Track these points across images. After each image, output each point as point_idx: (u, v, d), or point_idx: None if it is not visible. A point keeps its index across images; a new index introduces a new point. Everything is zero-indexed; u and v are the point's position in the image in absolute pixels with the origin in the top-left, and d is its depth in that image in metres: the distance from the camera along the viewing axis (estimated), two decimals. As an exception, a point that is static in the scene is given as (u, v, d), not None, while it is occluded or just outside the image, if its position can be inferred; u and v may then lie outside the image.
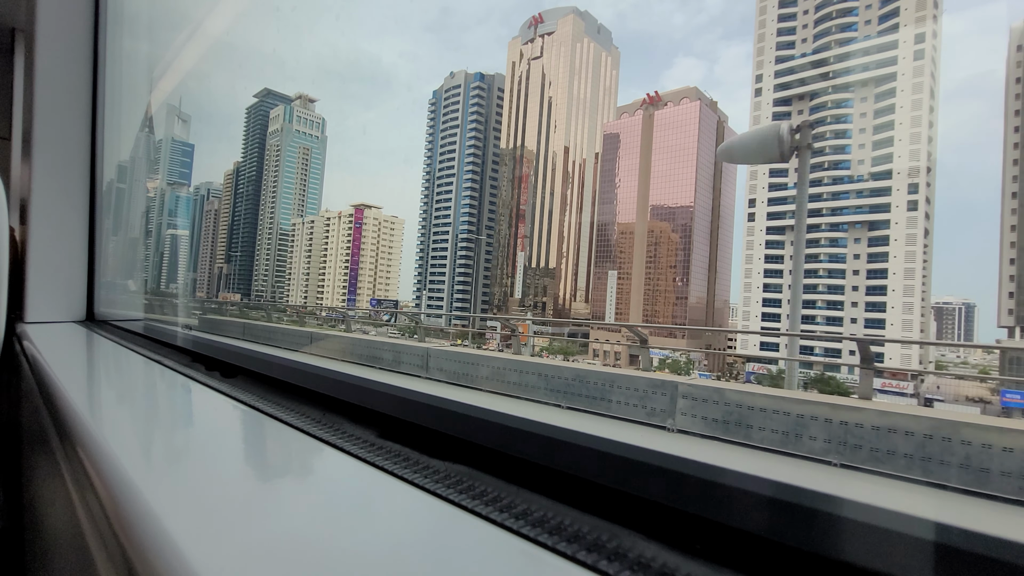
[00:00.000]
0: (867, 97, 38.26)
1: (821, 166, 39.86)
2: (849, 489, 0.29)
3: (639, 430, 4.97)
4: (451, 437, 0.55)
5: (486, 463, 0.49)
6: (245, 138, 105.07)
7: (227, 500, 0.44)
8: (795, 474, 0.33)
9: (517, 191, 63.91)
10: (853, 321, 37.05)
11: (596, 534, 0.37)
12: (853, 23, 39.70)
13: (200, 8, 3.76)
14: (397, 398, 0.63)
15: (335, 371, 0.79)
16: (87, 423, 0.65)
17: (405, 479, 0.47)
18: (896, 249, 35.48)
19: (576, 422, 1.12)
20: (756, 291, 41.63)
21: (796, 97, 41.72)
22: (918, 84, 36.02)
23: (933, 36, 36.13)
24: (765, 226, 41.68)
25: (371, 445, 0.57)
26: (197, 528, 0.38)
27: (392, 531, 0.40)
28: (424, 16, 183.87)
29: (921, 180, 35.12)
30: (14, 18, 2.82)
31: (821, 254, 38.85)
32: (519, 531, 0.37)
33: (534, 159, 62.88)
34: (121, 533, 0.41)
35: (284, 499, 0.46)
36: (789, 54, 42.63)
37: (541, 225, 63.03)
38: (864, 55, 38.63)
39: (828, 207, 39.00)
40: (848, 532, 0.29)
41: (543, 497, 0.43)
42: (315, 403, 0.77)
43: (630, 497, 0.39)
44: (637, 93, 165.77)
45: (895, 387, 35.15)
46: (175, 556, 0.34)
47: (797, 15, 43.05)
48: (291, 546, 0.35)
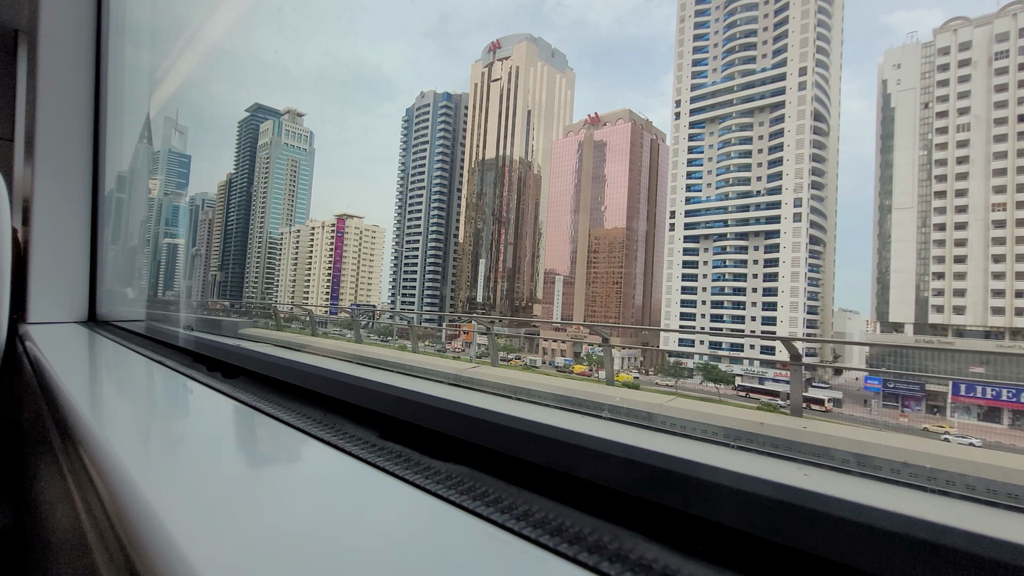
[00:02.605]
0: (764, 121, 43.24)
1: (727, 182, 44.80)
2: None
3: (639, 431, 5.28)
4: (452, 438, 0.54)
5: (487, 464, 0.49)
6: (237, 151, 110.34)
7: (228, 500, 0.44)
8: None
9: (478, 203, 69.02)
10: (753, 319, 42.01)
11: (598, 535, 0.36)
12: (753, 56, 44.66)
13: (200, 14, 3.77)
14: (398, 399, 0.64)
15: (336, 372, 0.79)
16: (89, 423, 0.64)
17: (406, 480, 0.46)
18: (784, 255, 40.43)
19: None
20: (676, 293, 46.59)
21: (708, 120, 46.67)
22: (801, 111, 40.99)
23: (813, 70, 41.11)
24: (682, 235, 46.65)
25: (372, 446, 0.57)
26: (198, 528, 0.37)
27: (393, 532, 0.39)
28: (423, 24, 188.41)
29: (804, 195, 40.06)
30: (17, 20, 2.78)
31: (727, 260, 43.80)
32: (520, 532, 0.37)
33: (494, 173, 68.02)
34: (122, 532, 0.41)
35: (285, 500, 0.45)
36: (702, 82, 47.59)
37: (500, 235, 67.87)
38: (761, 84, 43.61)
39: (733, 218, 43.94)
40: (848, 533, 0.29)
41: (544, 498, 0.42)
42: (316, 404, 0.76)
43: (632, 498, 0.39)
44: (637, 103, 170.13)
45: (783, 375, 40.08)
46: (176, 556, 0.34)
47: (708, 47, 47.98)
48: (292, 547, 0.35)
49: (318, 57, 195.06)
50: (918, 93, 35.44)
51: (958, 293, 33.11)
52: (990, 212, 32.24)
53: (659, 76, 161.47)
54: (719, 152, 45.12)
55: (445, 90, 74.11)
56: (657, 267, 59.93)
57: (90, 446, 0.58)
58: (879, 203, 37.21)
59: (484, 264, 68.05)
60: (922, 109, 35.37)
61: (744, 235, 42.72)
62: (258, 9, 43.24)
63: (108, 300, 2.25)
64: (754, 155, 43.13)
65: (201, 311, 54.19)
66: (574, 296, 58.38)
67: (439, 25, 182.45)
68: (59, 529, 0.78)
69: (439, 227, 74.41)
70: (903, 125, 36.08)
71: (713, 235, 44.43)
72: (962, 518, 0.25)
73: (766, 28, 43.73)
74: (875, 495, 0.29)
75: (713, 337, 41.62)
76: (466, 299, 68.56)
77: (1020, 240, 31.48)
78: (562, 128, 66.23)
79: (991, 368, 31.27)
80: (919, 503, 0.31)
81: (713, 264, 43.95)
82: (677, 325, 45.20)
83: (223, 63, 74.60)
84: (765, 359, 40.18)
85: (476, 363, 10.79)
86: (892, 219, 36.09)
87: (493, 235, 68.43)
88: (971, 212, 33.07)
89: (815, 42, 41.68)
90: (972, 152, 33.10)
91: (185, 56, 3.33)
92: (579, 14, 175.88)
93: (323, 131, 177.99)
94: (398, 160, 78.29)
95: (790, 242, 40.11)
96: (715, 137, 45.68)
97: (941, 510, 0.27)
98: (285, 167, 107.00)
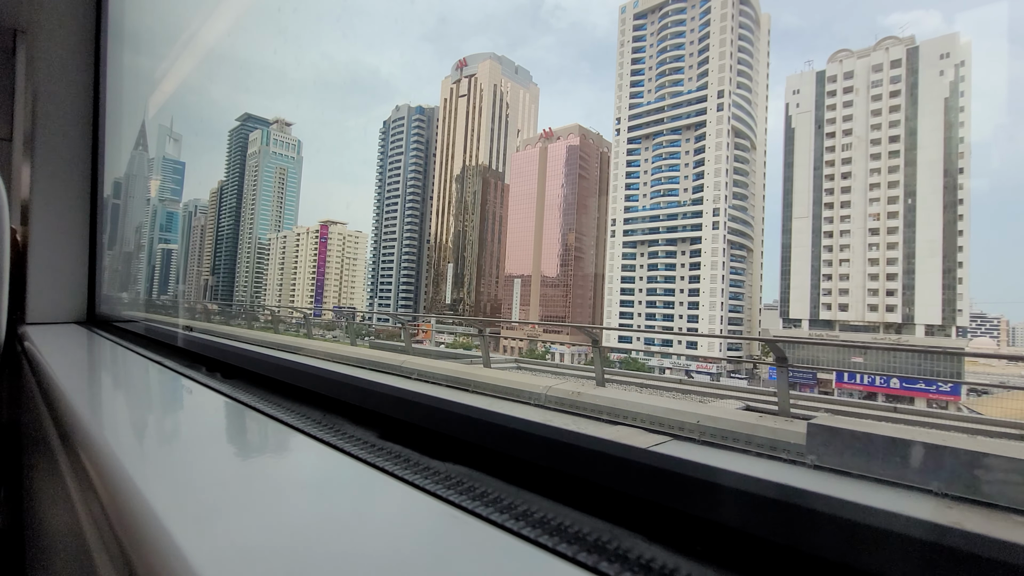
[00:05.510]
0: (690, 138, 47.48)
1: (660, 193, 49.00)
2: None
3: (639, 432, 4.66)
4: (451, 438, 0.54)
5: (486, 464, 0.49)
6: (228, 159, 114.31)
7: (227, 501, 0.43)
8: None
9: (447, 211, 73.21)
10: (680, 317, 46.19)
11: (597, 535, 0.36)
12: (680, 79, 48.88)
13: (197, 17, 3.70)
14: (398, 399, 0.63)
15: (336, 372, 0.78)
16: (88, 424, 0.64)
17: (406, 480, 0.46)
18: (705, 259, 44.63)
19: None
20: (616, 294, 50.77)
21: (644, 137, 50.87)
22: (720, 130, 45.21)
23: (731, 92, 45.32)
24: (622, 240, 50.83)
25: (372, 446, 0.56)
26: (198, 528, 0.37)
27: (393, 532, 0.39)
28: (422, 26, 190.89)
29: (721, 205, 44.25)
30: (16, 19, 2.74)
31: (659, 263, 47.99)
32: (519, 532, 0.36)
33: (462, 184, 72.11)
34: (121, 533, 0.41)
35: (285, 500, 0.45)
36: (638, 102, 51.79)
37: (467, 241, 71.95)
38: (687, 105, 47.83)
39: (664, 226, 48.13)
40: (848, 533, 0.29)
41: (543, 498, 0.42)
42: (316, 404, 0.76)
43: (631, 498, 0.38)
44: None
45: (705, 368, 44.19)
46: (175, 556, 0.34)
47: (644, 70, 52.16)
48: (292, 547, 0.35)
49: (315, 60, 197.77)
50: (812, 115, 39.73)
51: (843, 292, 37.44)
52: (867, 221, 36.56)
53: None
54: (653, 165, 49.34)
55: (419, 104, 78.67)
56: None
57: (89, 446, 0.57)
58: (784, 213, 41.47)
59: (451, 268, 72.21)
60: (816, 129, 39.67)
61: (673, 241, 46.93)
62: (254, 11, 42.83)
63: (107, 300, 2.18)
64: (681, 168, 47.31)
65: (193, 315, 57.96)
66: (531, 296, 62.61)
67: (437, 27, 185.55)
68: (58, 529, 0.78)
69: (413, 232, 78.67)
70: (801, 142, 40.37)
71: (647, 241, 48.68)
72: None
73: (691, 54, 47.95)
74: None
75: (691, 337, 45.78)
76: (432, 299, 72.76)
77: (891, 246, 35.89)
78: (523, 141, 70.48)
79: (867, 358, 35.50)
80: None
81: (648, 267, 48.19)
82: (617, 323, 49.36)
83: (220, 64, 77.12)
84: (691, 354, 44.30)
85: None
86: (793, 227, 40.37)
87: (458, 239, 72.64)
88: (853, 221, 37.38)
89: (736, 66, 45.94)
90: (854, 168, 37.42)
91: (183, 57, 3.27)
92: (577, 17, 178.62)
93: (320, 134, 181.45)
94: (375, 169, 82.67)
95: (710, 247, 44.31)
96: (649, 152, 49.83)
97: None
98: (273, 175, 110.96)
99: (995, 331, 54.48)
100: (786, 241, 41.33)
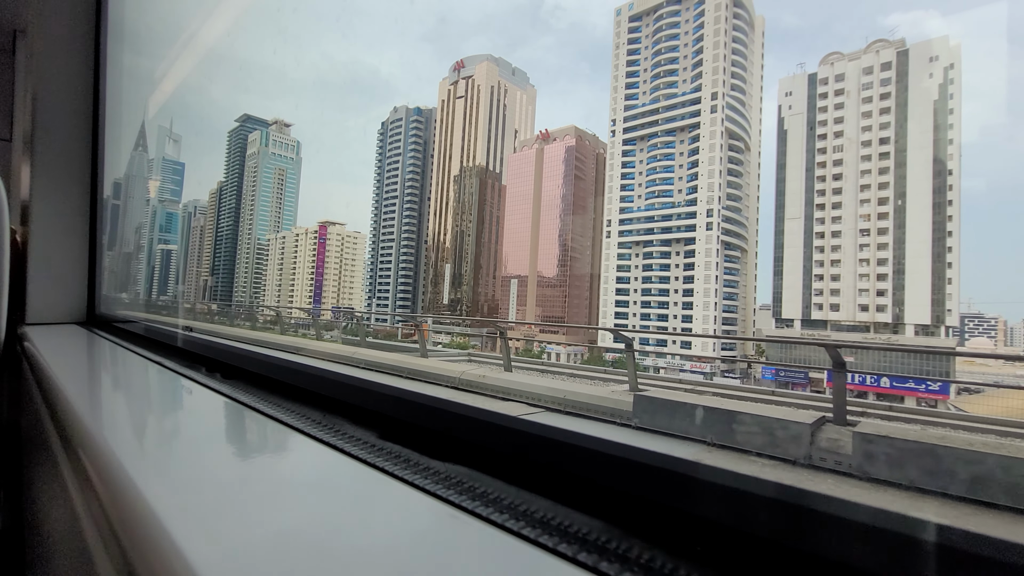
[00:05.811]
0: (684, 140, 47.81)
1: (654, 194, 49.32)
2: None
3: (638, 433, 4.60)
4: (451, 438, 0.55)
5: (486, 464, 0.48)
6: (227, 159, 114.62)
7: (227, 501, 0.43)
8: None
9: (445, 211, 73.60)
10: (675, 317, 46.51)
11: (597, 535, 0.36)
12: (675, 81, 49.21)
13: (196, 17, 3.69)
14: (398, 399, 0.63)
15: (336, 372, 0.78)
16: (87, 424, 0.63)
17: (405, 480, 0.46)
18: (699, 259, 44.95)
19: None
20: (611, 294, 51.09)
21: (639, 138, 51.19)
22: (714, 131, 45.54)
23: (725, 94, 45.66)
24: (617, 241, 51.14)
25: (371, 446, 0.56)
26: (197, 528, 0.37)
27: (393, 532, 0.38)
28: (422, 27, 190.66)
29: (715, 206, 44.58)
30: (16, 20, 2.72)
31: (654, 264, 48.32)
32: (520, 532, 0.36)
33: (459, 185, 72.56)
34: (121, 533, 0.41)
35: (285, 500, 0.44)
36: (633, 103, 52.10)
37: (465, 241, 72.33)
38: (681, 107, 48.16)
39: (658, 227, 48.46)
40: (848, 532, 0.29)
41: (543, 498, 0.42)
42: (316, 404, 0.75)
43: (632, 499, 0.38)
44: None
45: (699, 367, 44.60)
46: (175, 556, 0.33)
47: (639, 72, 52.49)
48: (292, 547, 0.34)
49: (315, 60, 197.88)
50: (804, 117, 40.07)
51: (834, 292, 37.77)
52: (858, 221, 36.90)
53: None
54: (647, 167, 49.67)
55: (416, 105, 79.16)
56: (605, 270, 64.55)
57: (89, 447, 0.57)
58: (776, 214, 41.81)
59: (449, 268, 72.62)
60: (808, 131, 40.01)
61: (667, 242, 47.25)
62: (254, 11, 42.40)
63: (107, 301, 2.12)
64: (676, 169, 47.63)
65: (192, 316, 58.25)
66: (527, 296, 62.93)
67: (437, 27, 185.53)
68: (58, 529, 0.78)
69: (410, 233, 79.11)
70: (793, 143, 40.71)
71: (642, 241, 49.02)
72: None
73: (686, 56, 48.28)
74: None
75: (687, 337, 45.99)
76: (430, 299, 73.14)
77: (881, 246, 36.22)
78: (520, 142, 70.95)
79: (858, 358, 35.80)
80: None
81: (643, 267, 48.53)
82: (612, 324, 49.67)
83: (220, 64, 77.94)
84: (686, 354, 44.63)
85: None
86: (785, 228, 40.71)
87: (456, 240, 73.05)
88: (844, 222, 37.72)
89: (730, 69, 46.28)
90: (845, 170, 37.75)
91: (182, 57, 3.23)
92: (577, 17, 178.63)
93: (320, 135, 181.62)
94: (373, 170, 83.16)
95: (704, 248, 44.65)
96: (644, 153, 50.13)
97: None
98: (272, 176, 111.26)
99: (992, 331, 54.75)
100: (779, 241, 41.67)
